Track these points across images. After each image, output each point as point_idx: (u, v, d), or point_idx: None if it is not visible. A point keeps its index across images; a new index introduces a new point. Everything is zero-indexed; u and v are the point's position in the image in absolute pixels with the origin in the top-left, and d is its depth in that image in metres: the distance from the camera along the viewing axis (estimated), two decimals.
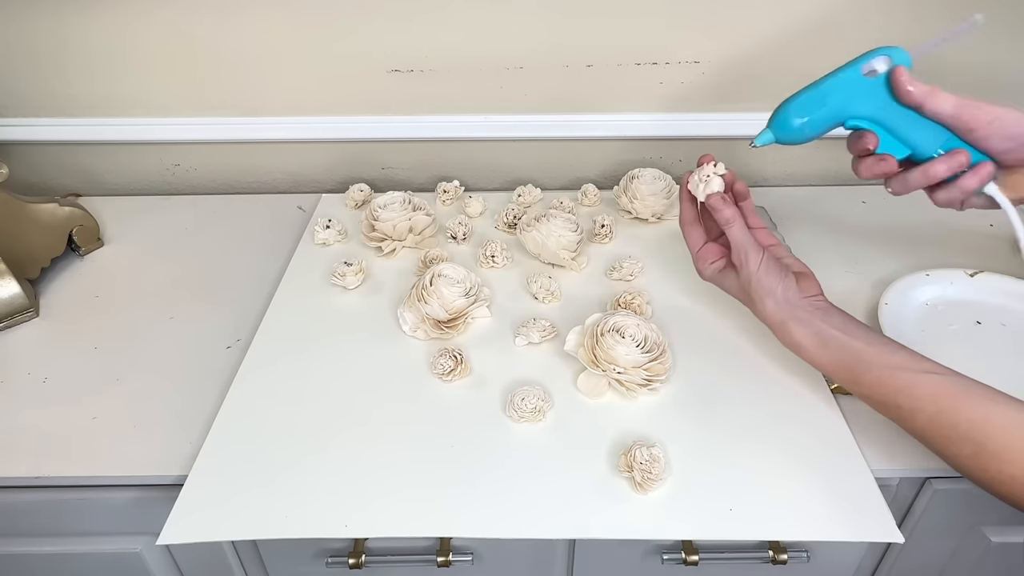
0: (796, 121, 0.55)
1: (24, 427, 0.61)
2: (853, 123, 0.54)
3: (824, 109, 0.54)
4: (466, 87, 0.90)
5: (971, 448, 0.47)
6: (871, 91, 0.53)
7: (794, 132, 0.55)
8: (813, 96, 0.54)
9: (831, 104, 0.54)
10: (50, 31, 0.86)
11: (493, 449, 0.58)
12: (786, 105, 0.56)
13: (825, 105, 0.54)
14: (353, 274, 0.75)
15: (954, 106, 0.52)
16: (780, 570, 0.59)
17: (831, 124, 0.55)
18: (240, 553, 0.63)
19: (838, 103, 0.53)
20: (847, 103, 0.53)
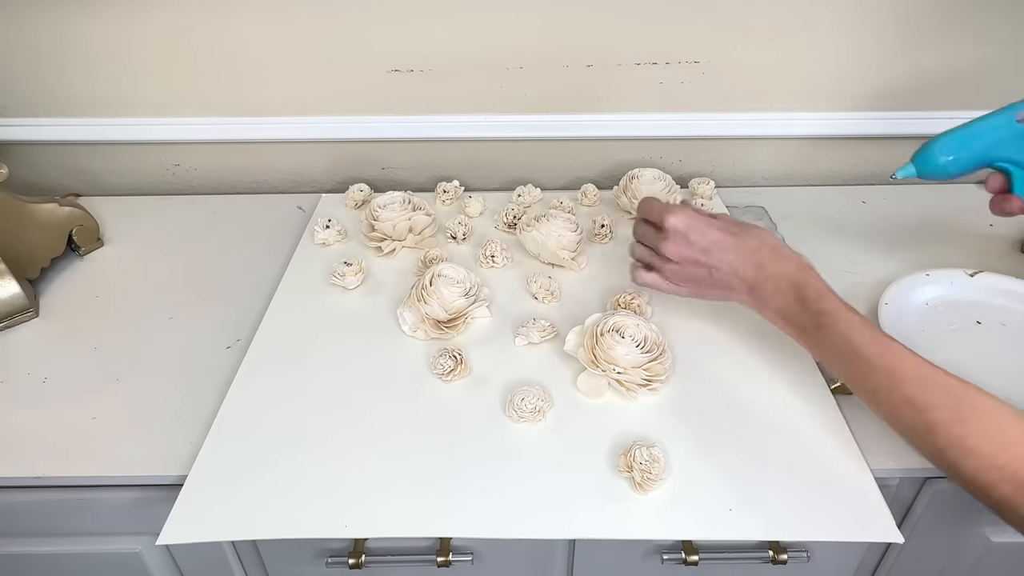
0: (942, 159, 0.58)
1: (24, 427, 0.61)
2: (997, 164, 0.57)
3: (972, 150, 0.57)
4: (466, 87, 0.90)
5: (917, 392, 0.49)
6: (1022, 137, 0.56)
7: (938, 169, 0.58)
8: (963, 136, 0.57)
9: (980, 146, 0.56)
10: (50, 31, 0.86)
11: (493, 449, 0.58)
12: (933, 143, 0.58)
13: (973, 146, 0.57)
14: (353, 274, 0.75)
15: None
16: (780, 570, 0.59)
17: (977, 164, 0.57)
18: (240, 553, 0.63)
19: (987, 145, 0.56)
20: (996, 146, 0.56)
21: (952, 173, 0.58)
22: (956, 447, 0.46)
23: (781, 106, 0.92)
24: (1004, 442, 0.45)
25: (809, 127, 0.93)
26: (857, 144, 0.96)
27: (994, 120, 0.56)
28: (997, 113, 0.57)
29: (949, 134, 0.58)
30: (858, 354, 0.52)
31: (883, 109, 0.92)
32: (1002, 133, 0.55)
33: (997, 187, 0.59)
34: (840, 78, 0.90)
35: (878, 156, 0.98)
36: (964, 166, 0.57)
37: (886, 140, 0.95)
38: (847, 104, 0.92)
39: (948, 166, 0.57)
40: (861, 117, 0.93)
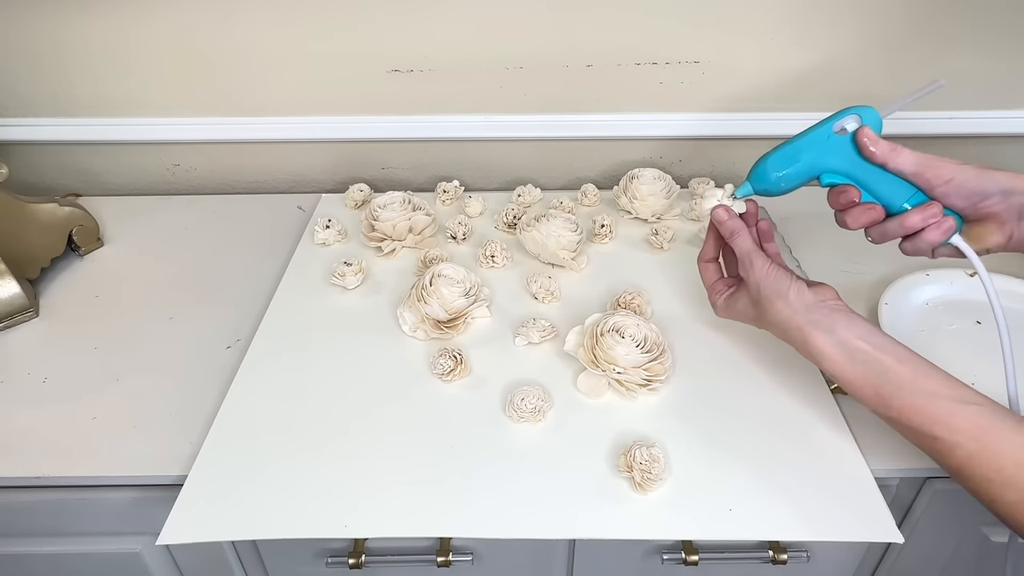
0: (773, 175, 0.58)
1: (24, 427, 0.61)
2: (828, 178, 0.57)
3: (798, 164, 0.57)
4: (466, 87, 0.90)
5: (1015, 495, 0.44)
6: (841, 149, 0.56)
7: (771, 184, 0.58)
8: (788, 152, 0.58)
9: (805, 160, 0.57)
10: (51, 31, 0.86)
11: (493, 449, 0.58)
12: (764, 160, 0.59)
13: (799, 160, 0.57)
14: (353, 274, 0.75)
15: (914, 164, 0.54)
16: (780, 570, 0.59)
17: (806, 178, 0.58)
18: (240, 553, 0.63)
19: (811, 159, 0.57)
20: (820, 159, 0.57)
21: (785, 188, 0.58)
22: None
23: (781, 106, 0.92)
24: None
25: None
26: None
27: (814, 134, 0.57)
28: (817, 126, 0.58)
29: (777, 150, 0.58)
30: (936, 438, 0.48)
31: None
32: (823, 146, 0.56)
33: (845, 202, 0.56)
34: (840, 78, 0.90)
35: None
36: (795, 179, 0.57)
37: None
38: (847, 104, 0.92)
39: (780, 181, 0.58)
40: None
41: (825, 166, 0.57)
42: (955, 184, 0.54)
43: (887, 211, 0.56)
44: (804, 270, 0.78)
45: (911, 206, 0.55)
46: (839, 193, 0.57)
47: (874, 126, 0.56)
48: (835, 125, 0.56)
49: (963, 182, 0.54)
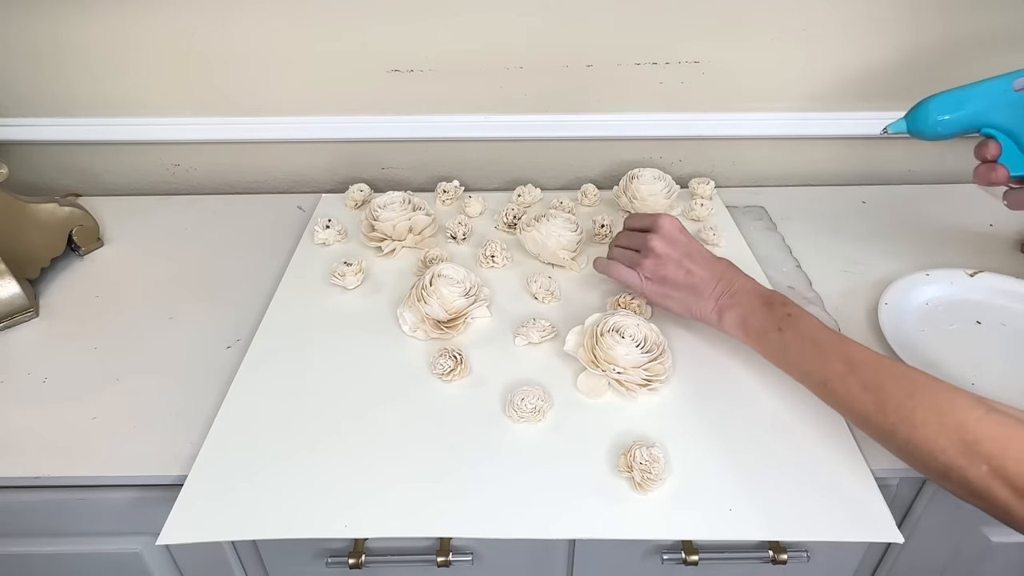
0: (935, 116, 0.57)
1: (24, 427, 0.61)
2: (988, 131, 0.56)
3: (965, 111, 0.56)
4: (466, 87, 0.90)
5: None
6: (1016, 105, 0.55)
7: (930, 127, 0.57)
8: (959, 97, 0.56)
9: (973, 108, 0.56)
10: (50, 31, 0.86)
11: (493, 449, 0.58)
12: (929, 100, 0.57)
13: (967, 108, 0.56)
14: (353, 274, 0.75)
15: None
16: (780, 570, 0.59)
17: (967, 127, 0.56)
18: (240, 553, 0.63)
19: (980, 109, 0.56)
20: (989, 111, 0.55)
21: (942, 133, 0.57)
22: (905, 422, 0.48)
23: (781, 106, 0.92)
24: (951, 411, 0.46)
25: (809, 127, 0.93)
26: (857, 144, 0.97)
27: (991, 85, 0.56)
28: (995, 79, 0.56)
29: (946, 93, 0.57)
30: (818, 345, 0.55)
31: (883, 109, 0.92)
32: (997, 99, 0.55)
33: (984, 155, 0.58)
34: (840, 78, 0.90)
35: (878, 156, 0.98)
36: (955, 127, 0.56)
37: (886, 140, 0.96)
38: (847, 104, 0.92)
39: (939, 125, 0.56)
40: (861, 117, 0.93)
41: (993, 120, 0.55)
42: None
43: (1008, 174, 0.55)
44: (804, 270, 0.78)
45: None
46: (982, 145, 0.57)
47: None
48: (1017, 81, 0.55)
49: None
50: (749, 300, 0.61)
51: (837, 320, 0.71)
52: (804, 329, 0.57)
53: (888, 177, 0.99)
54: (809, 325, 0.57)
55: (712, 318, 0.63)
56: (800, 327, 0.57)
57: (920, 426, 0.47)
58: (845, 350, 0.54)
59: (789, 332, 0.57)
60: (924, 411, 0.47)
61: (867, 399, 0.50)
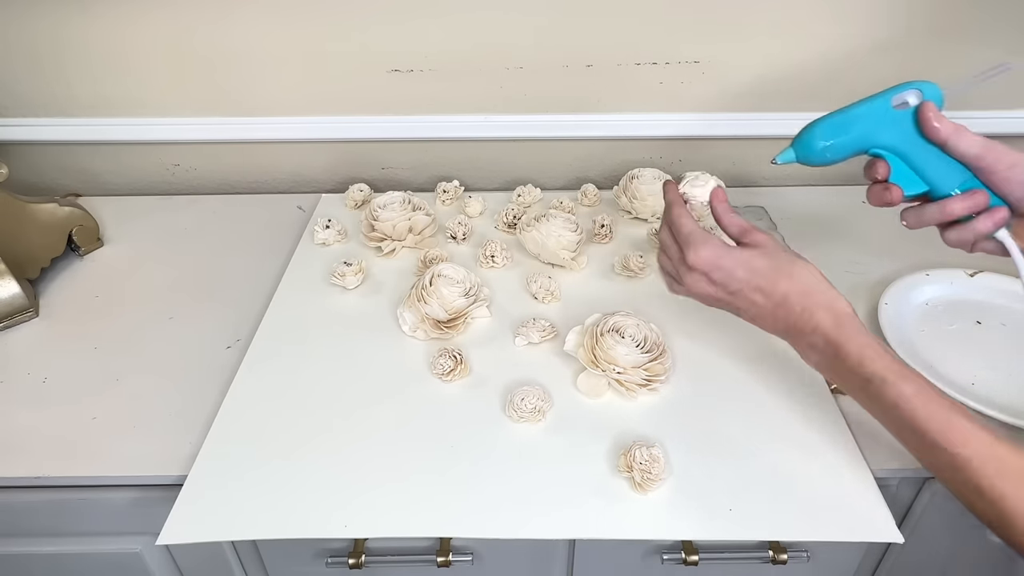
0: (820, 143, 0.55)
1: (24, 427, 0.61)
2: (876, 151, 0.55)
3: (849, 135, 0.54)
4: (466, 87, 0.90)
5: None
6: (898, 123, 0.53)
7: (816, 154, 0.55)
8: (841, 121, 0.55)
9: (857, 131, 0.54)
10: (51, 31, 0.86)
11: (493, 449, 0.58)
12: (812, 127, 0.56)
13: (851, 131, 0.54)
14: (353, 274, 0.75)
15: (980, 147, 0.51)
16: (780, 570, 0.59)
17: (855, 151, 0.55)
18: (240, 553, 0.63)
19: (864, 131, 0.54)
20: (873, 132, 0.54)
21: (830, 159, 0.55)
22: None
23: (781, 106, 0.92)
24: None
25: None
26: None
27: (871, 105, 0.54)
28: (874, 98, 0.54)
29: (827, 118, 0.55)
30: (915, 428, 0.47)
31: None
32: (879, 119, 0.53)
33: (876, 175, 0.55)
34: (840, 78, 0.90)
35: None
36: (842, 152, 0.55)
37: None
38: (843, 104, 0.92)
39: (826, 151, 0.55)
40: None
41: (878, 140, 0.54)
42: (1018, 171, 0.51)
43: (934, 195, 0.54)
44: None
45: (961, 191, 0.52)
46: (871, 165, 0.55)
47: (936, 102, 0.52)
48: (895, 98, 0.53)
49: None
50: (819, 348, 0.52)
51: None
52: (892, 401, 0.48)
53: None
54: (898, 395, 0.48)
55: None
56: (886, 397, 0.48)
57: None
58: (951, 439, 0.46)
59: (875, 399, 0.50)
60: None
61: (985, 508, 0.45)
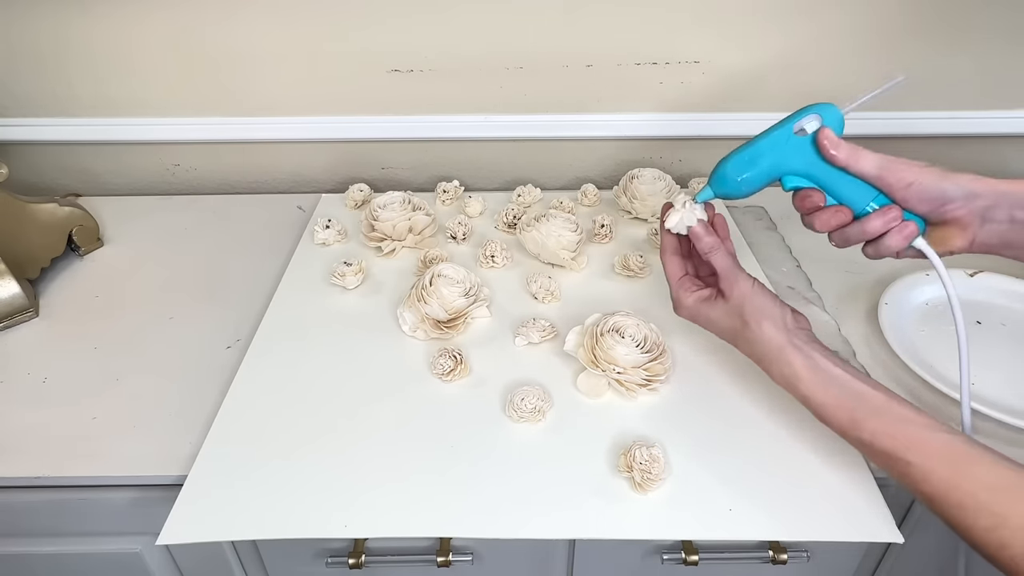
0: (734, 179, 0.56)
1: (24, 427, 0.61)
2: (791, 182, 0.55)
3: (759, 167, 0.55)
4: (466, 87, 0.90)
5: (988, 520, 0.43)
6: (802, 150, 0.54)
7: (732, 187, 0.56)
8: (749, 155, 0.55)
9: (766, 162, 0.55)
10: (52, 32, 0.86)
11: (493, 449, 0.58)
12: (724, 163, 0.57)
13: (760, 164, 0.55)
14: (353, 274, 0.75)
15: (876, 168, 0.53)
16: (780, 570, 0.59)
17: (768, 180, 0.56)
18: (240, 553, 0.63)
19: (773, 161, 0.55)
20: (781, 161, 0.55)
21: (746, 191, 0.56)
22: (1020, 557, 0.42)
23: (781, 106, 0.92)
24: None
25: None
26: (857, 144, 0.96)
27: (774, 136, 0.55)
28: (778, 127, 0.55)
29: (736, 154, 0.56)
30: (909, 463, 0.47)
31: (883, 109, 0.92)
32: (784, 148, 0.54)
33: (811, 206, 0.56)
34: (840, 78, 0.90)
35: None
36: (757, 182, 0.56)
37: (886, 140, 0.95)
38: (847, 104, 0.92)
39: (743, 185, 0.56)
40: (861, 117, 0.92)
41: (787, 168, 0.55)
42: (916, 188, 0.52)
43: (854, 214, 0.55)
44: (804, 270, 0.78)
45: (877, 206, 0.54)
46: (804, 197, 0.56)
47: (835, 126, 0.54)
48: (795, 126, 0.54)
49: (925, 187, 0.52)
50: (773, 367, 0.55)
51: (837, 320, 0.71)
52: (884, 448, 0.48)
53: None
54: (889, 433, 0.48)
55: None
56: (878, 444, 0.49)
57: None
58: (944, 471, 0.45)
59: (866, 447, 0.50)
60: None
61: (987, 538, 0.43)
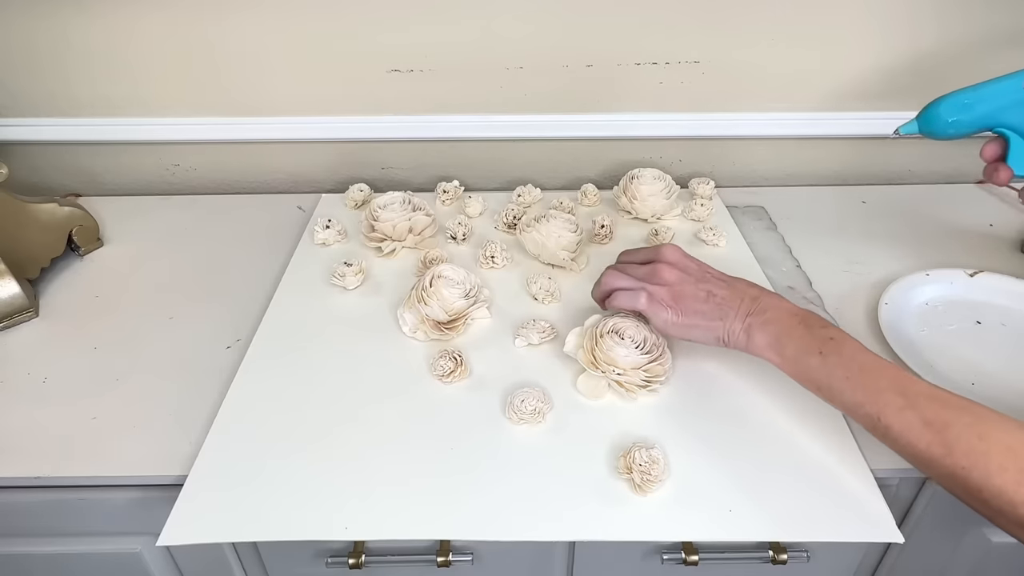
0: (948, 118, 0.57)
1: (24, 427, 0.61)
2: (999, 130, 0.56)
3: (976, 113, 0.56)
4: (466, 87, 0.90)
5: None
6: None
7: (940, 128, 0.57)
8: (969, 98, 0.56)
9: (984, 109, 0.56)
10: (51, 31, 0.86)
11: (493, 451, 0.58)
12: (939, 102, 0.58)
13: (978, 109, 0.56)
14: (353, 274, 0.75)
15: None
16: (780, 570, 0.59)
17: (979, 128, 0.57)
18: (240, 553, 0.63)
19: (991, 110, 0.56)
20: (1000, 111, 0.56)
21: (953, 134, 0.57)
22: (978, 467, 0.44)
23: (781, 106, 0.92)
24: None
25: (809, 127, 0.93)
26: (857, 144, 0.96)
27: (1002, 85, 0.55)
28: (1006, 78, 0.56)
29: (956, 94, 0.57)
30: (867, 373, 0.50)
31: (883, 109, 0.92)
32: (1008, 99, 0.55)
33: (991, 155, 0.58)
34: (840, 78, 0.90)
35: (878, 156, 0.98)
36: (966, 128, 0.56)
37: (886, 140, 0.96)
38: (847, 104, 0.92)
39: (950, 127, 0.57)
40: (861, 117, 0.93)
41: (1003, 120, 0.55)
42: None
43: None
44: (804, 270, 0.78)
45: None
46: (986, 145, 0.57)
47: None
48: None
49: None
50: (782, 318, 0.55)
51: (837, 320, 0.71)
52: (849, 354, 0.52)
53: (888, 177, 0.99)
54: (854, 350, 0.52)
55: (740, 339, 0.57)
56: (844, 351, 0.52)
57: (997, 473, 0.43)
58: (900, 380, 0.49)
59: (832, 357, 0.52)
60: (1001, 455, 0.43)
61: (931, 438, 0.46)
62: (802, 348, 0.53)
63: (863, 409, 0.50)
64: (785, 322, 0.55)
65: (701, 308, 0.58)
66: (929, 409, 0.47)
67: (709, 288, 0.59)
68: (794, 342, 0.54)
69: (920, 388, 0.48)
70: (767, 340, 0.56)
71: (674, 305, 0.59)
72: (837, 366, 0.51)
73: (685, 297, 0.59)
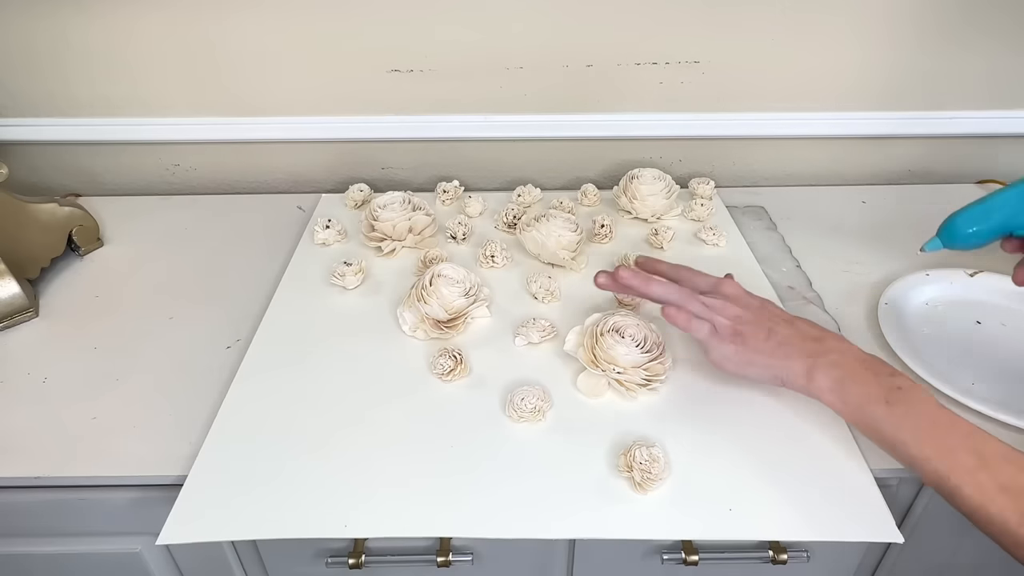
0: (964, 230, 0.63)
1: (24, 427, 0.61)
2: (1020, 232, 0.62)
3: (991, 222, 0.61)
4: (466, 87, 0.90)
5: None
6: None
7: (963, 238, 0.63)
8: (982, 210, 0.62)
9: (999, 218, 0.61)
10: (50, 31, 0.86)
11: (493, 449, 0.58)
12: (956, 217, 0.64)
13: (993, 219, 0.61)
14: (353, 274, 0.75)
15: None
16: (780, 570, 0.59)
17: (997, 234, 0.62)
18: (240, 553, 0.63)
19: (1005, 217, 0.61)
20: (1013, 217, 0.61)
21: (974, 244, 0.63)
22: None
23: (781, 106, 0.92)
24: None
25: (809, 127, 0.93)
26: (857, 144, 0.97)
27: (1009, 194, 0.61)
28: (1013, 187, 0.61)
29: (969, 208, 0.63)
30: (938, 429, 0.48)
31: (883, 109, 0.92)
32: (1017, 205, 0.61)
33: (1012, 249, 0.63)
34: (840, 78, 0.90)
35: (878, 156, 0.98)
36: (987, 235, 0.62)
37: (886, 140, 0.96)
38: (847, 104, 0.92)
39: (971, 237, 0.63)
40: (861, 117, 0.93)
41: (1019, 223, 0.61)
42: None
43: None
44: (804, 270, 0.78)
45: None
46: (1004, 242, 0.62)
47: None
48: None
49: None
50: (847, 362, 0.54)
51: (837, 320, 0.71)
52: (920, 408, 0.49)
53: (888, 177, 0.99)
54: (925, 404, 0.50)
55: (800, 380, 0.55)
56: (914, 404, 0.49)
57: None
58: (974, 438, 0.47)
59: (899, 408, 0.50)
60: None
61: (1006, 504, 0.44)
62: (866, 396, 0.52)
63: (930, 464, 0.48)
64: (850, 366, 0.53)
65: (762, 346, 0.57)
66: (1005, 472, 0.45)
67: (771, 326, 0.57)
68: (858, 388, 0.52)
69: (996, 448, 0.46)
70: (829, 384, 0.53)
71: (735, 340, 0.58)
72: (905, 419, 0.49)
73: (746, 334, 0.57)
